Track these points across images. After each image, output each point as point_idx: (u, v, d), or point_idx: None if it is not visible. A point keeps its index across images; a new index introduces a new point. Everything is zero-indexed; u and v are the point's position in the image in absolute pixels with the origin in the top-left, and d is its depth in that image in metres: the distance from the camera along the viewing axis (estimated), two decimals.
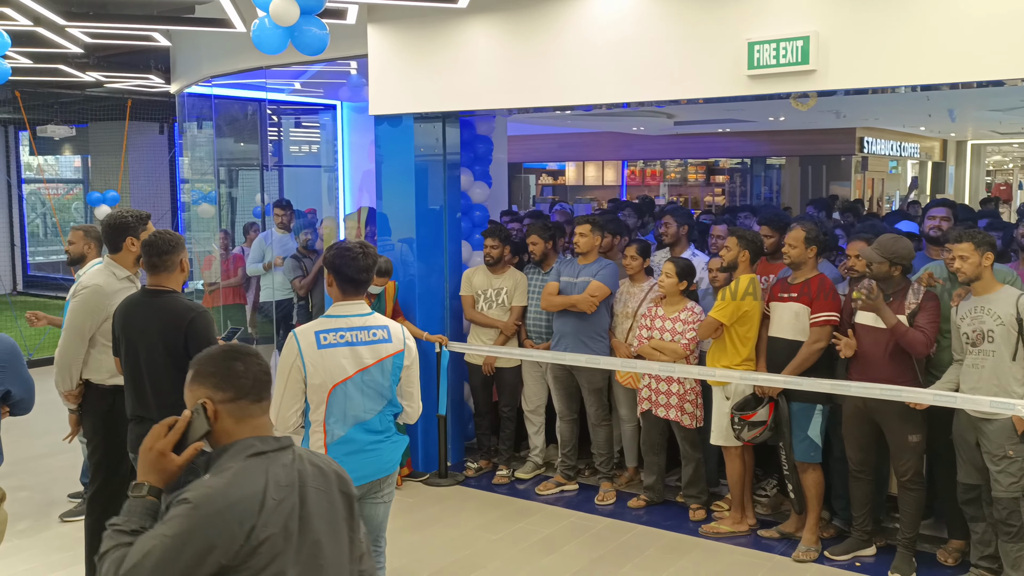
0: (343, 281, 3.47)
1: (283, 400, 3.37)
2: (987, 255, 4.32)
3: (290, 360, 3.37)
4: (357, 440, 3.45)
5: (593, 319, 5.72)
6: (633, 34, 5.22)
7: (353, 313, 3.48)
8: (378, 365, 3.45)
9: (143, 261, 3.86)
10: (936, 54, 4.38)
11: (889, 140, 17.38)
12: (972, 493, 4.51)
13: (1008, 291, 4.34)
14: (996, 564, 4.48)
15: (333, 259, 3.47)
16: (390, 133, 6.44)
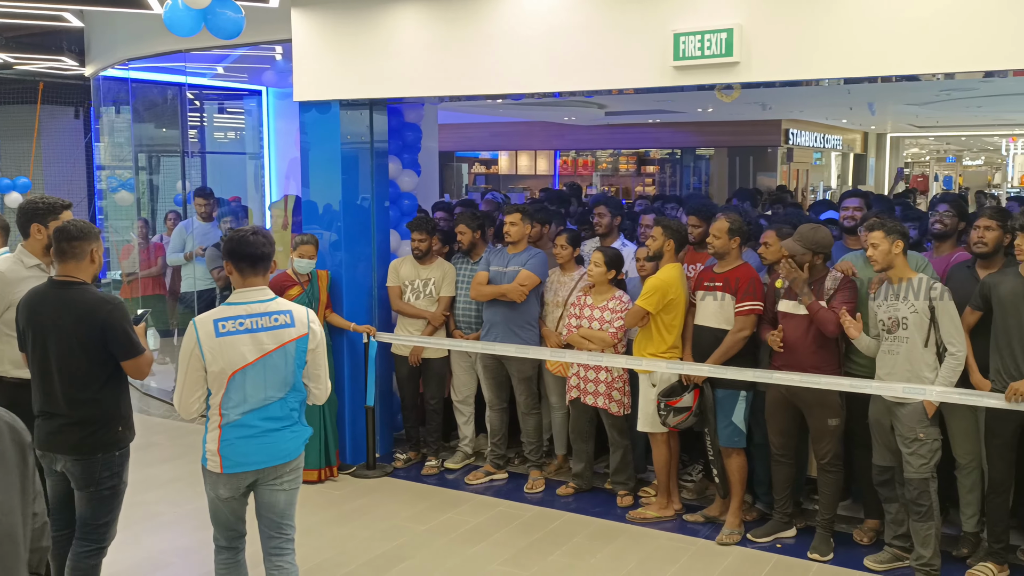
0: (240, 261, 3.48)
1: (184, 387, 3.45)
2: (897, 243, 4.44)
3: (189, 348, 3.43)
4: (253, 425, 3.49)
5: (523, 308, 5.72)
6: (562, 23, 5.21)
7: (254, 299, 3.50)
8: (280, 350, 3.48)
9: (52, 249, 3.71)
10: (856, 48, 4.48)
11: (813, 132, 17.83)
12: (886, 475, 4.66)
13: (921, 279, 4.47)
14: (908, 543, 4.64)
15: (226, 245, 3.52)
16: (316, 120, 6.32)
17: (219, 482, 3.53)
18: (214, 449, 3.49)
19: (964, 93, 11.44)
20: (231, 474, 3.49)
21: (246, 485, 3.57)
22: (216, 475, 3.51)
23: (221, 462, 3.48)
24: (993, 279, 4.46)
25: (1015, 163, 24.06)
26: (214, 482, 3.54)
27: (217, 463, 3.48)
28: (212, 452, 3.50)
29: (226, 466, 3.48)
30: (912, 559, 4.55)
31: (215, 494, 3.57)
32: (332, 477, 6.09)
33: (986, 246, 4.62)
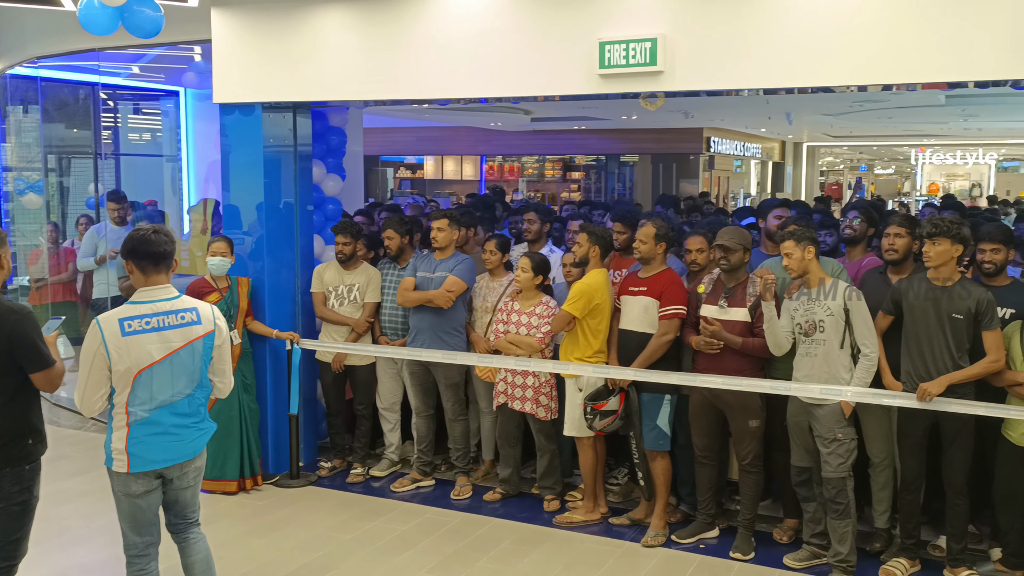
0: (142, 260, 3.49)
1: (87, 386, 3.43)
2: (808, 249, 4.59)
3: (93, 348, 3.41)
4: (161, 422, 3.53)
5: (450, 314, 5.69)
6: (490, 29, 5.22)
7: (160, 298, 3.53)
8: (188, 347, 3.55)
9: None
10: (775, 60, 4.61)
11: (734, 140, 18.27)
12: (804, 475, 4.78)
13: (836, 283, 4.62)
14: (825, 540, 4.77)
15: (127, 244, 3.51)
16: (237, 122, 6.18)
17: (128, 480, 3.53)
18: (121, 448, 3.49)
19: (876, 104, 11.87)
20: (139, 472, 3.52)
21: (158, 482, 3.62)
22: (123, 474, 3.52)
23: (128, 460, 3.49)
24: (903, 284, 4.62)
25: (923, 172, 25.09)
26: (124, 481, 3.54)
27: (124, 462, 3.49)
28: (119, 451, 3.50)
29: (134, 464, 3.49)
30: (830, 556, 4.68)
31: (127, 492, 3.55)
32: (255, 487, 5.96)
33: (896, 253, 4.79)
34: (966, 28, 4.26)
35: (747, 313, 4.76)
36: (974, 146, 22.63)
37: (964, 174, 25.12)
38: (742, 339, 4.74)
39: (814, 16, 4.52)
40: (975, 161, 23.73)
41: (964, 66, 4.29)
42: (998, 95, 10.64)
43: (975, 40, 4.24)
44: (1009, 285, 4.69)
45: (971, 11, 4.24)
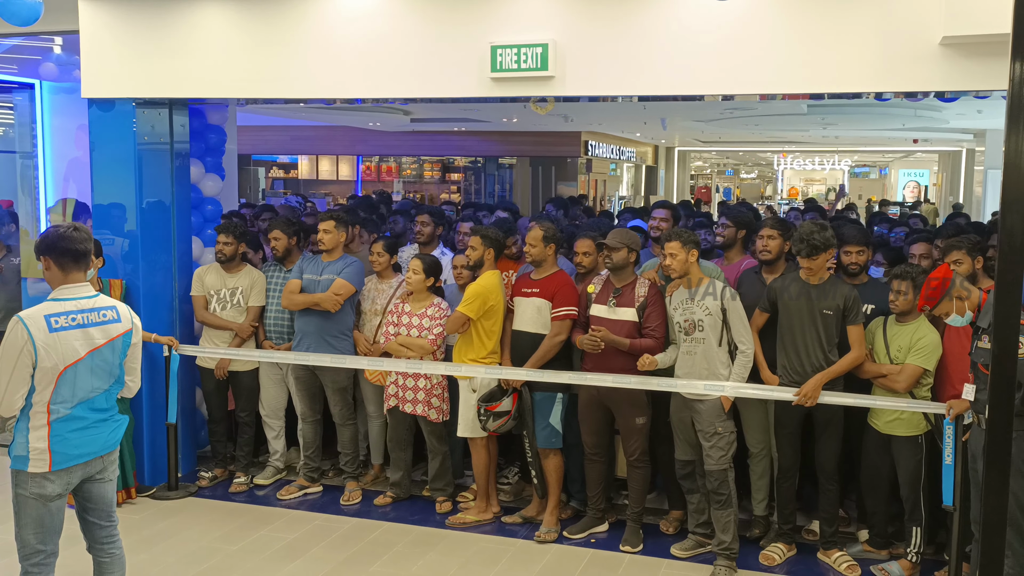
0: (62, 257, 3.48)
1: (10, 385, 3.37)
2: (692, 252, 4.78)
3: (19, 345, 3.35)
4: (84, 418, 3.53)
5: (337, 318, 5.60)
6: (380, 30, 5.18)
7: (80, 295, 3.53)
8: (109, 345, 3.57)
9: None
10: (660, 68, 4.80)
11: (610, 144, 18.75)
12: (687, 468, 4.97)
13: (713, 284, 4.83)
14: (709, 529, 4.97)
15: (44, 241, 3.50)
16: (106, 118, 5.87)
17: (46, 481, 3.46)
18: (43, 447, 3.43)
19: (744, 112, 12.46)
20: (61, 470, 3.47)
21: (76, 481, 3.58)
22: (42, 475, 3.45)
23: (51, 458, 3.44)
24: (777, 283, 4.88)
25: (784, 177, 26.49)
26: (39, 483, 3.45)
27: (46, 460, 3.43)
28: (39, 450, 3.43)
29: (56, 461, 3.45)
30: (714, 544, 4.88)
31: (41, 495, 3.47)
32: (129, 500, 5.69)
33: (770, 254, 5.06)
34: (835, 43, 4.55)
35: (635, 313, 4.90)
36: (830, 153, 24.09)
37: (821, 179, 26.70)
38: (629, 340, 4.88)
39: (696, 28, 4.72)
40: (831, 167, 25.25)
41: (834, 79, 4.60)
42: (855, 106, 11.38)
43: (843, 55, 4.54)
44: (867, 283, 5.04)
45: (840, 28, 4.55)
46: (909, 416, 4.64)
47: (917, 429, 4.65)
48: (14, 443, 3.46)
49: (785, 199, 24.15)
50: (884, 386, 4.68)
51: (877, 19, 4.49)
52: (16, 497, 3.49)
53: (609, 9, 4.83)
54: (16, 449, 3.45)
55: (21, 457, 3.44)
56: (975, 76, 4.36)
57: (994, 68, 4.29)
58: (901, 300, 4.62)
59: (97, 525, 3.74)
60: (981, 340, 4.05)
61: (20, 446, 3.45)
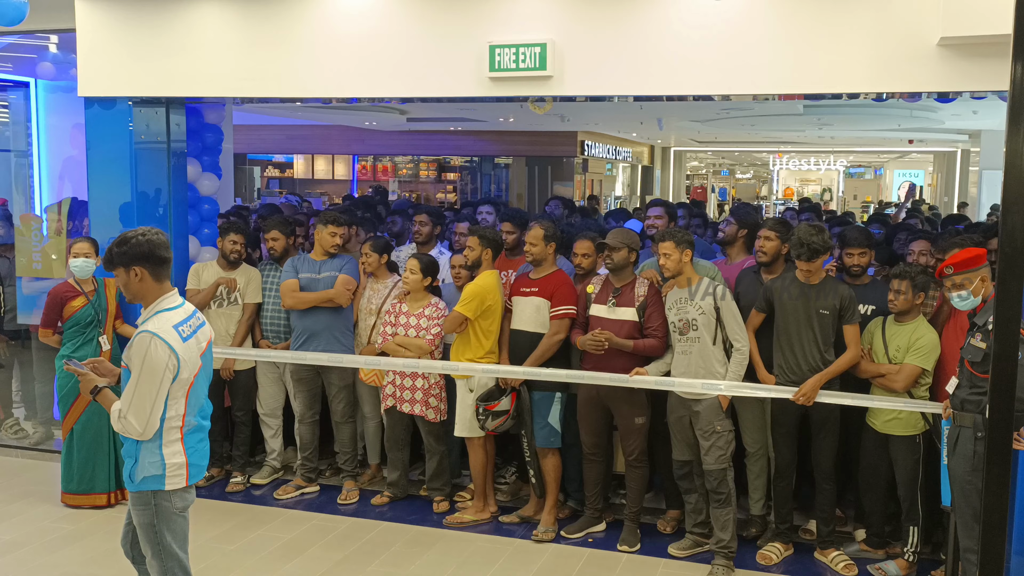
0: (158, 267, 3.30)
1: (156, 403, 3.20)
2: (686, 252, 4.79)
3: (163, 361, 3.18)
4: (203, 426, 3.45)
5: (345, 314, 5.63)
6: (379, 29, 5.18)
7: (179, 303, 3.38)
8: (209, 349, 3.48)
9: None
10: (658, 68, 4.81)
11: (606, 144, 18.74)
12: (685, 468, 4.97)
13: (706, 283, 4.83)
14: (707, 529, 4.98)
15: (136, 249, 3.25)
16: (103, 117, 5.88)
17: (185, 494, 3.37)
18: (180, 462, 3.30)
19: (741, 112, 12.46)
20: (193, 484, 3.39)
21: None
22: (179, 491, 3.33)
23: (188, 472, 3.33)
24: (774, 283, 4.89)
25: (779, 177, 26.53)
26: (181, 497, 3.35)
27: (183, 476, 3.31)
28: (177, 466, 3.30)
29: (192, 475, 3.35)
30: (712, 543, 4.88)
31: (182, 509, 3.37)
32: (124, 500, 5.68)
33: (767, 255, 5.07)
34: (833, 44, 4.57)
35: (635, 313, 4.91)
36: (825, 153, 24.14)
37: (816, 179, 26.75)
38: (633, 342, 4.88)
39: (695, 28, 4.74)
40: (826, 167, 25.31)
41: (832, 79, 4.62)
42: (851, 106, 11.40)
43: (842, 55, 4.55)
44: (869, 283, 5.05)
45: (838, 28, 4.56)
46: (907, 416, 4.65)
47: (915, 429, 4.66)
48: (138, 463, 3.26)
49: (780, 199, 24.18)
50: (882, 386, 4.69)
51: (875, 20, 4.50)
52: (159, 518, 3.31)
53: (607, 9, 4.83)
54: (146, 469, 3.25)
55: (155, 477, 3.26)
56: (973, 77, 4.38)
57: (992, 69, 4.31)
58: (900, 300, 4.62)
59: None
60: (975, 337, 4.06)
61: (153, 465, 3.25)
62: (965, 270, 4.15)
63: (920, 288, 4.62)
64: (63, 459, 5.61)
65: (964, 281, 4.15)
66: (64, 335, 5.55)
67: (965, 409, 4.09)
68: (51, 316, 5.53)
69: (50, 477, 6.04)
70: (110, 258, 3.28)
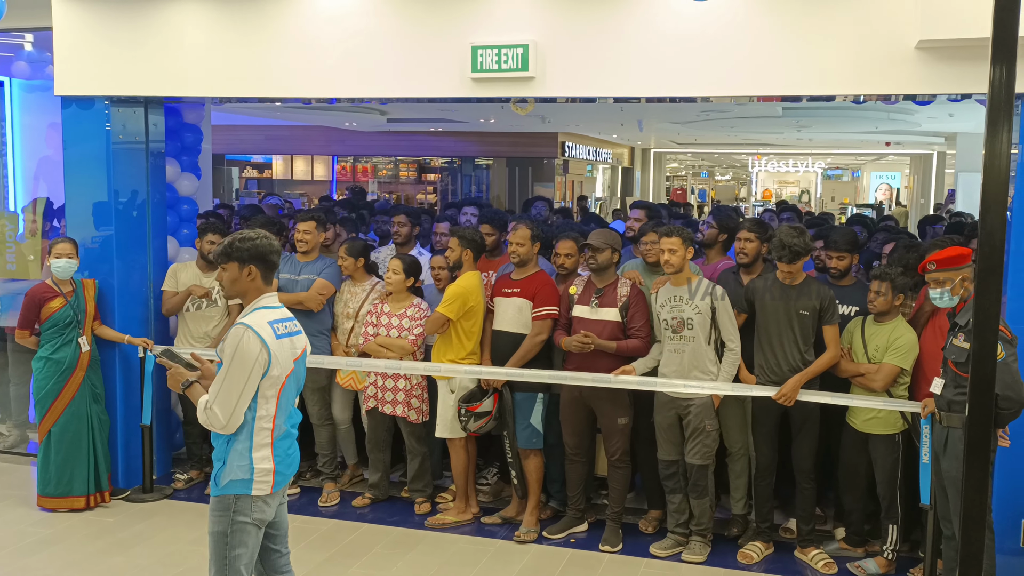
0: (269, 270, 3.31)
1: (243, 396, 3.13)
2: (690, 250, 4.82)
3: (254, 353, 3.13)
4: (291, 433, 3.38)
5: (318, 317, 5.58)
6: (360, 29, 5.17)
7: (279, 304, 3.38)
8: (302, 356, 3.42)
9: None
10: (640, 69, 4.82)
11: (586, 146, 18.79)
12: (672, 468, 4.99)
13: (702, 283, 4.86)
14: (687, 529, 5.01)
15: (255, 250, 3.25)
16: (80, 116, 5.81)
17: (265, 505, 3.24)
18: (268, 467, 3.20)
19: (720, 114, 12.53)
20: (277, 492, 3.28)
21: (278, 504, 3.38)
22: (264, 498, 3.22)
23: (275, 479, 3.23)
24: (755, 284, 4.92)
25: (758, 179, 26.70)
26: (260, 507, 3.23)
27: (269, 482, 3.21)
28: (264, 471, 3.20)
29: (278, 482, 3.25)
30: (692, 524, 4.97)
31: (261, 520, 3.25)
32: (103, 503, 5.63)
33: (747, 256, 5.10)
34: (812, 46, 4.60)
35: (618, 313, 4.92)
36: (803, 155, 24.32)
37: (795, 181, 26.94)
38: (616, 343, 4.89)
39: (676, 30, 4.75)
40: (804, 169, 25.50)
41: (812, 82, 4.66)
42: (829, 108, 11.50)
43: (820, 58, 4.59)
44: (853, 285, 5.09)
45: (817, 31, 4.60)
46: (886, 415, 4.69)
47: (894, 428, 4.71)
48: (226, 466, 3.17)
49: (759, 201, 24.33)
50: (862, 385, 4.73)
51: (854, 23, 4.54)
52: (233, 526, 3.18)
53: (589, 10, 4.84)
54: (233, 473, 3.16)
55: (243, 481, 3.16)
56: (950, 79, 4.43)
57: (969, 72, 4.35)
58: (879, 300, 4.67)
59: (278, 553, 3.46)
60: (957, 338, 4.10)
61: (241, 469, 3.16)
62: (948, 268, 4.19)
63: (899, 289, 4.67)
64: (40, 462, 5.54)
65: (946, 279, 4.19)
66: (42, 336, 5.49)
67: (952, 410, 4.13)
68: (29, 317, 5.47)
69: (25, 480, 5.97)
70: (229, 252, 3.25)
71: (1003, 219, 2.02)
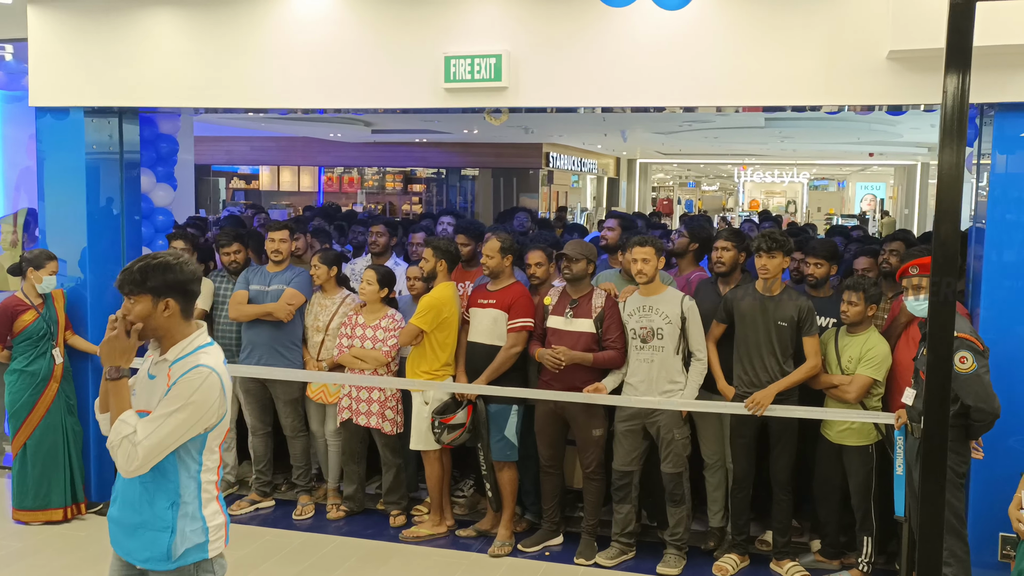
0: (189, 302, 2.78)
1: (175, 444, 2.66)
2: (661, 259, 4.81)
3: (212, 402, 2.70)
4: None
5: (288, 328, 5.52)
6: (333, 39, 5.15)
7: (212, 341, 2.88)
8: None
9: None
10: (614, 79, 4.81)
11: (571, 156, 18.83)
12: (626, 479, 4.96)
13: (673, 292, 4.85)
14: (632, 539, 5.04)
15: (168, 278, 2.69)
16: (55, 127, 5.77)
17: (223, 561, 2.87)
18: (221, 522, 2.83)
19: (703, 125, 12.56)
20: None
21: None
22: (222, 554, 2.86)
23: (227, 532, 2.87)
24: (734, 295, 4.90)
25: (745, 189, 26.79)
26: (222, 564, 2.86)
27: (223, 536, 2.85)
28: (218, 527, 2.82)
29: (228, 532, 2.89)
30: (667, 535, 4.97)
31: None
32: (79, 515, 5.57)
33: (724, 265, 5.09)
34: (785, 57, 4.60)
35: (592, 324, 4.90)
36: (789, 166, 24.42)
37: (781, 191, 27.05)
38: (593, 355, 4.87)
39: (650, 40, 4.75)
40: (790, 180, 25.60)
41: (784, 92, 4.64)
42: (811, 119, 11.55)
43: (793, 68, 4.59)
44: (831, 296, 5.07)
45: (789, 42, 4.60)
46: (860, 426, 4.68)
47: (867, 439, 4.69)
48: (177, 535, 2.71)
49: (746, 211, 24.41)
50: (835, 396, 4.72)
51: (825, 33, 4.54)
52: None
53: (563, 21, 4.84)
54: (187, 539, 2.72)
55: (199, 545, 2.75)
56: (922, 90, 4.43)
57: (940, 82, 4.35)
58: (852, 311, 4.66)
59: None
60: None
61: (195, 533, 2.74)
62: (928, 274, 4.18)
63: (872, 300, 4.66)
64: (15, 475, 5.48)
65: (926, 285, 4.19)
66: (15, 349, 5.44)
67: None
68: (1, 332, 5.42)
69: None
70: (140, 280, 2.66)
71: (957, 229, 2.01)
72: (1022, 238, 4.44)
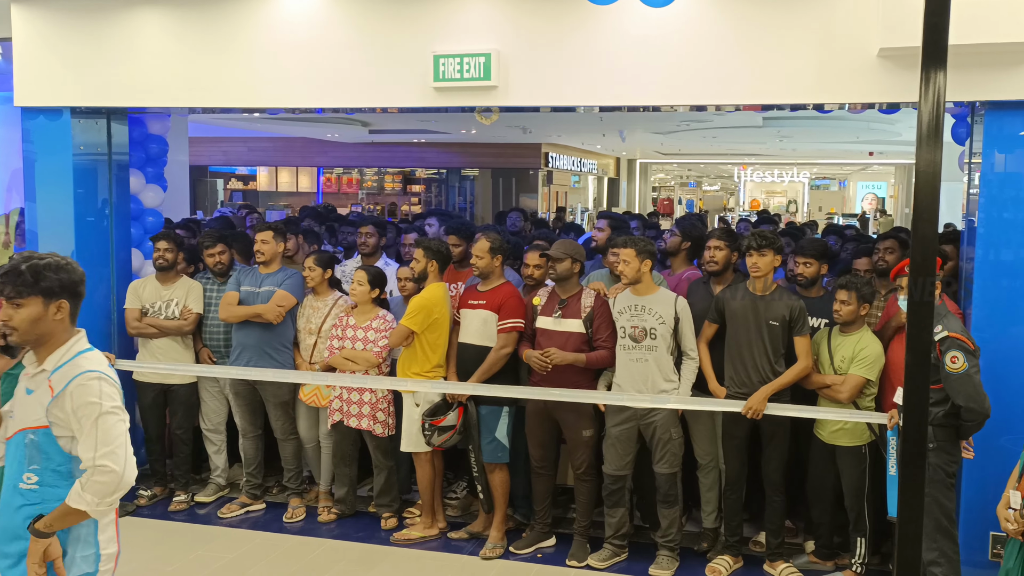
0: (77, 303, 2.68)
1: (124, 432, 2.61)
2: (646, 261, 4.76)
3: (118, 398, 2.62)
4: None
5: (278, 330, 5.48)
6: (322, 38, 5.13)
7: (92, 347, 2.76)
8: None
9: None
10: (605, 78, 4.78)
11: (571, 156, 18.79)
12: (618, 484, 4.92)
13: (665, 293, 4.81)
14: (625, 541, 5.00)
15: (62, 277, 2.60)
16: (42, 128, 5.76)
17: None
18: (113, 552, 2.72)
19: (701, 124, 12.52)
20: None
21: None
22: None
23: (116, 564, 2.74)
24: (725, 294, 4.86)
25: (746, 189, 26.74)
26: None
27: (113, 568, 2.72)
28: (109, 557, 2.70)
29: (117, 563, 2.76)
30: (659, 536, 4.92)
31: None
32: None
33: (717, 264, 5.05)
34: (776, 56, 4.57)
35: (581, 324, 4.86)
36: (789, 165, 24.36)
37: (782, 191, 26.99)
38: (586, 356, 4.84)
39: (637, 38, 4.71)
40: (791, 179, 25.54)
41: (775, 91, 4.61)
42: (809, 118, 11.50)
43: (784, 67, 4.55)
44: (823, 296, 5.02)
45: (781, 41, 4.56)
46: (852, 426, 4.63)
47: (860, 439, 4.65)
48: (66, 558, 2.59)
49: (747, 211, 24.36)
50: (828, 396, 4.68)
51: (816, 31, 4.50)
52: None
53: (552, 20, 4.81)
54: (77, 567, 2.60)
55: (95, 564, 2.64)
56: (912, 88, 4.36)
57: None
58: (845, 310, 4.61)
59: None
60: None
61: (85, 560, 2.61)
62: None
63: (865, 299, 4.62)
64: None
65: None
66: None
67: None
68: None
69: None
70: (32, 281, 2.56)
71: (935, 228, 1.98)
72: (1014, 237, 4.40)
